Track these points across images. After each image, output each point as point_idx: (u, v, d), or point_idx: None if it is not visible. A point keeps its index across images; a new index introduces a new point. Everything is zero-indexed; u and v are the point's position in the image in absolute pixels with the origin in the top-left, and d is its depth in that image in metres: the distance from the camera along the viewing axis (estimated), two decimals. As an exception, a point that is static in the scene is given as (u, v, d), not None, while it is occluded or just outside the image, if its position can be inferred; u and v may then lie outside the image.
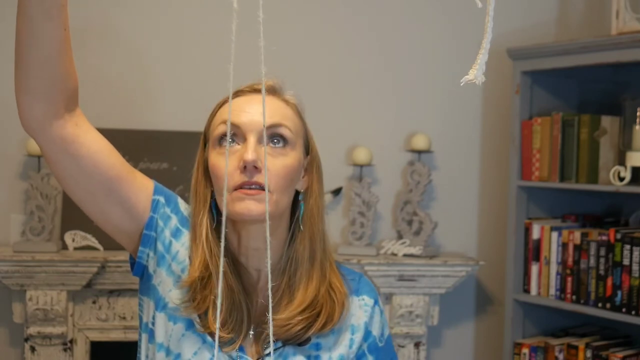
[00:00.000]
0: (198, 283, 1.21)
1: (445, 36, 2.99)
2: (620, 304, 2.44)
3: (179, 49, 2.82)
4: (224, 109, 1.26)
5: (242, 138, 1.21)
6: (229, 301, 1.21)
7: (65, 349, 2.59)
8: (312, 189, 1.29)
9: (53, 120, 1.12)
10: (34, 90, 1.09)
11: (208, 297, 1.21)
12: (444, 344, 3.04)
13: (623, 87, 2.79)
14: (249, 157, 1.17)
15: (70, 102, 1.13)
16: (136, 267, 1.28)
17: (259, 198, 1.18)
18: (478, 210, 3.06)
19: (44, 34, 1.05)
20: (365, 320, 1.32)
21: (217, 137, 1.23)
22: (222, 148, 1.22)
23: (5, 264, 2.48)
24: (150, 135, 2.73)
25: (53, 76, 1.08)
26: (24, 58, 1.07)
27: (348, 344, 1.29)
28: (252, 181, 1.17)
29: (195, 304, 1.21)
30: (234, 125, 1.21)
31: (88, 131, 1.17)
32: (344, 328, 1.30)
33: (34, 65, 1.07)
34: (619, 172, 2.49)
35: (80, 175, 1.17)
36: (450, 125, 2.99)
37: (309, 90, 2.72)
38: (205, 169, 1.27)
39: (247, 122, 1.20)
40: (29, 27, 1.05)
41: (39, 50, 1.06)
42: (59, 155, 1.15)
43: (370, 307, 1.33)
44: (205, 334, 1.22)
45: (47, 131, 1.12)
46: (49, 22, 1.04)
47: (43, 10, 1.03)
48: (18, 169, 2.71)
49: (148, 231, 1.25)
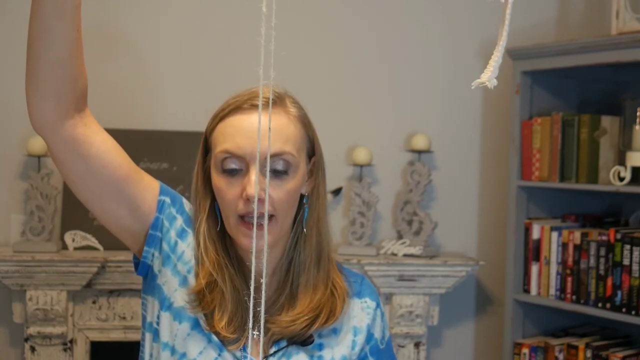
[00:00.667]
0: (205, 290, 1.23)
1: (445, 36, 2.99)
2: (620, 304, 2.44)
3: (180, 49, 2.82)
4: (225, 130, 1.22)
5: (244, 166, 1.20)
6: (234, 301, 1.22)
7: (65, 349, 2.59)
8: (317, 190, 1.29)
9: (64, 120, 1.12)
10: (45, 90, 1.09)
11: (214, 299, 1.22)
12: (444, 344, 3.04)
13: (623, 87, 2.79)
14: (251, 191, 1.17)
15: (79, 102, 1.14)
16: (141, 267, 1.29)
17: (262, 234, 1.18)
18: (478, 210, 3.06)
19: (57, 35, 1.05)
20: (367, 323, 1.32)
21: (220, 161, 1.22)
22: (224, 174, 1.21)
23: (5, 264, 2.48)
24: (150, 135, 2.73)
25: (64, 77, 1.09)
26: (37, 59, 1.07)
27: (350, 345, 1.30)
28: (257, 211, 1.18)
29: (202, 305, 1.22)
30: (236, 156, 1.20)
31: (98, 132, 1.18)
32: (345, 329, 1.30)
33: (46, 66, 1.07)
34: (619, 172, 2.48)
35: (88, 175, 1.18)
36: (450, 125, 2.99)
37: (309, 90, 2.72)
38: (205, 178, 1.27)
39: (249, 154, 1.19)
40: (43, 28, 1.05)
41: (51, 51, 1.06)
42: (67, 155, 1.16)
43: (372, 310, 1.34)
44: (211, 333, 1.22)
45: (57, 131, 1.13)
46: (62, 22, 1.05)
47: (57, 10, 1.04)
48: (18, 169, 2.71)
49: (154, 231, 1.26)
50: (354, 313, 1.31)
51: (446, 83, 2.98)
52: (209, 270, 1.23)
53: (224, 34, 2.84)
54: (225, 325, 1.21)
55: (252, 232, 1.16)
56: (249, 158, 1.19)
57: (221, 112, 1.24)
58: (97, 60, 2.73)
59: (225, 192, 1.21)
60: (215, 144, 1.23)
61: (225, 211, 1.22)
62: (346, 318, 1.30)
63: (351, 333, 1.30)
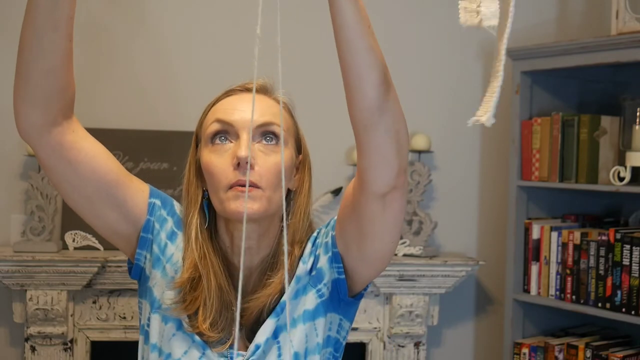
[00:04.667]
0: (188, 284, 1.22)
1: (445, 36, 2.99)
2: (620, 304, 2.44)
3: (180, 50, 2.82)
4: (216, 108, 1.26)
5: (234, 136, 1.22)
6: (219, 301, 1.22)
7: (65, 348, 2.60)
8: (302, 187, 1.30)
9: (51, 127, 1.13)
10: (34, 98, 1.10)
11: (198, 297, 1.22)
12: (444, 344, 3.04)
13: (623, 87, 2.79)
14: (243, 153, 1.17)
15: (67, 110, 1.14)
16: (134, 270, 1.30)
17: (253, 196, 1.18)
18: (478, 210, 3.06)
19: (50, 45, 1.06)
20: (314, 255, 1.27)
21: (209, 135, 1.23)
22: (214, 146, 1.23)
23: (5, 264, 2.48)
24: (150, 135, 2.73)
25: (54, 86, 1.09)
26: (28, 67, 1.08)
27: (316, 295, 1.25)
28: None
29: (185, 305, 1.22)
30: (227, 123, 1.22)
31: (85, 138, 1.18)
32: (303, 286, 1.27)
33: (37, 75, 1.08)
34: (618, 172, 2.49)
35: (77, 181, 1.18)
36: (450, 125, 2.99)
37: (309, 90, 2.73)
38: (197, 169, 1.28)
39: (240, 120, 1.22)
40: (36, 38, 1.05)
41: (43, 60, 1.07)
42: (56, 161, 1.16)
43: (314, 247, 1.29)
44: (194, 333, 1.22)
45: (44, 138, 1.13)
46: (56, 33, 1.05)
47: (52, 21, 1.04)
48: (18, 169, 2.72)
49: (145, 234, 1.26)
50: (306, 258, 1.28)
51: (446, 83, 2.98)
52: (195, 262, 1.22)
53: (223, 34, 2.84)
54: (209, 326, 1.20)
55: (242, 194, 1.17)
56: (239, 125, 1.21)
57: (212, 102, 1.28)
58: (98, 60, 2.74)
59: (215, 164, 1.21)
60: (206, 125, 1.25)
61: (215, 184, 1.21)
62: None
63: (310, 286, 1.26)
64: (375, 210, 1.12)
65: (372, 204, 1.12)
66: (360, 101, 1.04)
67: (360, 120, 1.07)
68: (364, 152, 1.09)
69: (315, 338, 1.24)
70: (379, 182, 1.09)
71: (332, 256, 1.24)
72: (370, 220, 1.14)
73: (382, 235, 1.16)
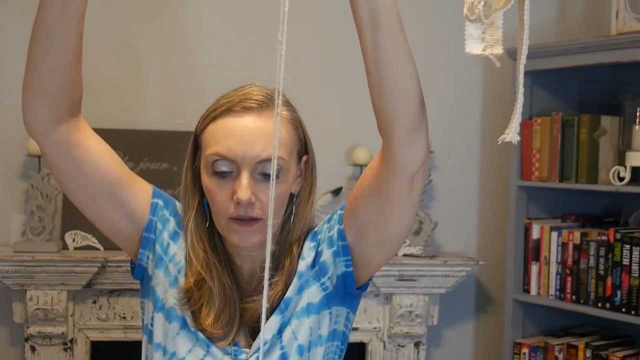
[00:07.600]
0: (194, 287, 1.23)
1: (446, 36, 2.98)
2: (620, 304, 2.44)
3: (179, 50, 2.82)
4: (216, 131, 1.21)
5: (236, 169, 1.19)
6: (221, 298, 1.23)
7: (65, 348, 2.60)
8: (307, 190, 1.29)
9: (57, 124, 1.14)
10: (43, 95, 1.11)
11: (204, 295, 1.23)
12: (444, 344, 3.04)
13: (623, 87, 2.79)
14: (243, 196, 1.16)
15: (74, 108, 1.15)
16: (137, 270, 1.30)
17: (254, 230, 1.19)
18: (478, 210, 3.06)
19: (60, 43, 1.07)
20: (315, 250, 1.28)
21: (210, 163, 1.20)
22: (215, 177, 1.20)
23: (5, 264, 2.48)
24: (150, 135, 2.73)
25: (63, 83, 1.10)
26: (38, 64, 1.08)
27: (319, 288, 1.26)
28: (247, 215, 1.18)
29: (190, 303, 1.23)
30: (228, 159, 1.19)
31: (91, 136, 1.19)
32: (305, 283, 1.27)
33: (47, 72, 1.09)
34: (618, 172, 2.49)
35: (81, 179, 1.19)
36: (450, 125, 2.99)
37: (309, 90, 2.73)
38: (194, 176, 1.27)
39: (241, 157, 1.18)
40: (47, 35, 1.06)
41: (54, 57, 1.07)
42: (61, 159, 1.17)
43: (314, 242, 1.29)
44: (197, 330, 1.23)
45: (51, 135, 1.14)
46: (66, 31, 1.06)
47: (63, 19, 1.05)
48: (18, 169, 2.72)
49: (147, 233, 1.27)
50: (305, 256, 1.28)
51: (446, 83, 2.98)
52: (197, 269, 1.24)
53: (222, 34, 2.84)
54: (212, 321, 1.22)
55: (243, 229, 1.18)
56: (240, 161, 1.18)
57: (212, 113, 1.23)
58: (98, 60, 2.74)
59: (216, 194, 1.20)
60: (206, 146, 1.22)
61: (216, 212, 1.22)
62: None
63: (314, 279, 1.26)
64: (405, 191, 1.16)
65: (402, 185, 1.15)
66: (403, 124, 1.12)
67: (401, 132, 1.12)
68: (401, 145, 1.12)
69: (319, 331, 1.25)
70: (413, 163, 1.13)
71: (338, 249, 1.25)
72: (398, 202, 1.17)
73: (408, 215, 1.19)
